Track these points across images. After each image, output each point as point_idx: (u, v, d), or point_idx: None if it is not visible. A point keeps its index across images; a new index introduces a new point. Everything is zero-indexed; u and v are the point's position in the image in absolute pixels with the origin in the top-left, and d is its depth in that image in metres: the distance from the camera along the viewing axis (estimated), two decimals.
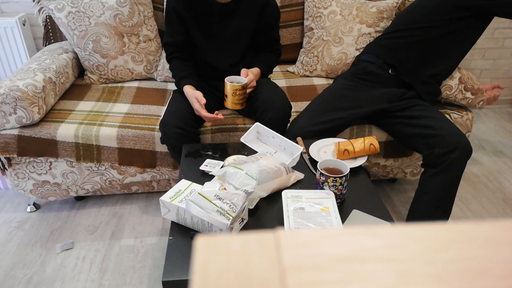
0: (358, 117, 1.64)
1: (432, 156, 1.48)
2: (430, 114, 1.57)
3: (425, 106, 1.62)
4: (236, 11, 1.65)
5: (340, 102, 1.64)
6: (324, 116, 1.59)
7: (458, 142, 1.45)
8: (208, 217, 0.98)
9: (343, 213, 1.12)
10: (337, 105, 1.63)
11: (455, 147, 1.44)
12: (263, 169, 1.17)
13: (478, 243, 0.26)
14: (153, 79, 2.11)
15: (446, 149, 1.45)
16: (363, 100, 1.64)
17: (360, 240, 0.27)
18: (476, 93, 1.77)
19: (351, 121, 1.64)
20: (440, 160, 1.46)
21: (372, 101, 1.64)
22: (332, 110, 1.61)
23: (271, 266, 0.25)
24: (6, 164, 1.68)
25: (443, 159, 1.46)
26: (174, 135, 1.53)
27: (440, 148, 1.46)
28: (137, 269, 1.56)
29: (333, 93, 1.68)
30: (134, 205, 1.92)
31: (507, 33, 2.64)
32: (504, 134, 2.54)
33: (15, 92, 1.55)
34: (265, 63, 1.76)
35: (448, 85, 1.77)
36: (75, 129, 1.65)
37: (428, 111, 1.60)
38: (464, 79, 1.76)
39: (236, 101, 1.58)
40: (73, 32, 1.91)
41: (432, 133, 1.50)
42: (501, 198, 1.97)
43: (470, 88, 1.76)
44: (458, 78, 1.76)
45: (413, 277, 0.24)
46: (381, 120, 1.70)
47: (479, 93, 1.76)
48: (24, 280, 1.52)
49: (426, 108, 1.61)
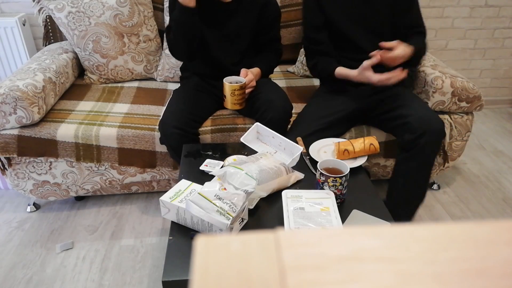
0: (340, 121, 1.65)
1: (404, 142, 1.52)
2: (402, 102, 1.59)
3: (397, 95, 1.63)
4: (237, 10, 1.65)
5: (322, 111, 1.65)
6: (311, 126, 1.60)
7: (426, 127, 1.46)
8: (208, 217, 0.98)
9: (343, 213, 1.12)
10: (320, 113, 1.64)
11: (422, 132, 1.46)
12: (263, 169, 1.17)
13: (478, 243, 0.26)
14: (153, 79, 2.12)
15: (414, 135, 1.47)
16: (340, 105, 1.65)
17: (360, 240, 0.27)
18: (472, 101, 1.72)
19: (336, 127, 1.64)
20: (411, 145, 1.49)
21: (348, 103, 1.66)
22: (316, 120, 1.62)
23: (271, 266, 0.25)
24: (6, 164, 1.68)
25: (413, 144, 1.49)
26: (173, 135, 1.53)
27: (409, 134, 1.49)
28: (137, 269, 1.56)
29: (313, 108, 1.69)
30: (134, 205, 1.92)
31: (507, 33, 2.64)
32: (504, 134, 2.54)
33: (15, 92, 1.55)
34: (265, 63, 1.76)
35: (439, 100, 1.72)
36: (75, 129, 1.65)
37: (399, 99, 1.60)
38: (457, 92, 1.70)
39: (235, 101, 1.58)
40: (73, 32, 1.91)
41: (403, 122, 1.53)
42: (501, 198, 1.97)
43: (465, 98, 1.71)
44: (451, 93, 1.70)
45: (413, 277, 0.24)
46: (366, 120, 1.72)
47: (476, 100, 1.73)
48: (24, 280, 1.52)
49: (398, 97, 1.62)
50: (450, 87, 1.70)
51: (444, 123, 1.53)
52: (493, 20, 2.58)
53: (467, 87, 1.70)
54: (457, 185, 2.06)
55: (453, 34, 2.61)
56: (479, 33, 2.62)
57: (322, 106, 1.67)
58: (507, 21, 2.60)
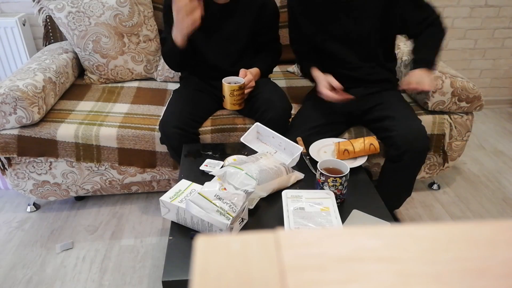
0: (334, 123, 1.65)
1: (388, 155, 1.55)
2: (389, 113, 1.56)
3: (387, 103, 1.60)
4: (235, 11, 1.65)
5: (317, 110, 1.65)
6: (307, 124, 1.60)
7: (409, 146, 1.46)
8: (208, 217, 0.98)
9: (343, 213, 1.12)
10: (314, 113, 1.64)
11: (405, 150, 1.46)
12: (263, 169, 1.17)
13: (478, 243, 0.26)
14: (153, 79, 2.12)
15: (398, 151, 1.48)
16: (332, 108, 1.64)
17: (360, 240, 0.27)
18: (472, 101, 1.72)
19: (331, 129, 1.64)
20: (395, 159, 1.50)
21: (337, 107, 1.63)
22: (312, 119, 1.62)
23: (271, 266, 0.25)
24: (6, 164, 1.68)
25: (397, 158, 1.50)
26: (173, 135, 1.53)
27: (394, 150, 1.49)
28: (137, 269, 1.56)
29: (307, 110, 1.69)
30: (134, 205, 1.92)
31: (507, 33, 2.64)
32: (504, 134, 2.54)
33: (15, 92, 1.55)
34: (264, 63, 1.76)
35: (439, 100, 1.72)
36: (75, 129, 1.65)
37: (388, 109, 1.58)
38: (457, 92, 1.70)
39: (234, 101, 1.58)
40: (73, 32, 1.91)
41: (388, 135, 1.52)
42: (501, 198, 1.97)
43: (465, 98, 1.71)
44: (451, 93, 1.70)
45: (413, 277, 0.24)
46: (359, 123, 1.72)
47: (476, 100, 1.73)
48: (24, 280, 1.52)
49: (387, 106, 1.59)
50: (450, 87, 1.70)
51: (429, 139, 1.53)
52: (493, 20, 2.58)
53: (467, 87, 1.70)
54: (457, 185, 2.06)
55: (453, 34, 2.61)
56: (479, 33, 2.62)
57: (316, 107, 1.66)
58: (507, 21, 2.60)
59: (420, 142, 1.47)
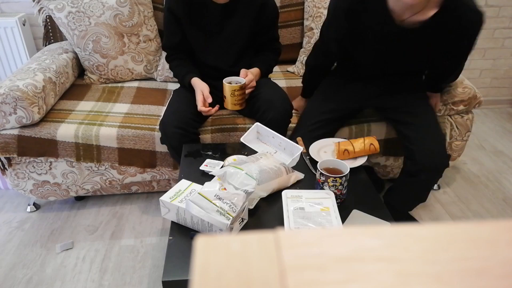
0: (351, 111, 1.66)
1: (406, 166, 1.56)
2: (414, 120, 1.54)
3: (414, 107, 1.58)
4: (234, 11, 1.65)
5: (333, 95, 1.67)
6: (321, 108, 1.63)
7: (428, 164, 1.46)
8: (208, 217, 0.98)
9: (343, 213, 1.12)
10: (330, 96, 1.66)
11: (423, 168, 1.47)
12: (263, 169, 1.17)
13: (478, 243, 0.26)
14: (153, 79, 2.12)
15: (416, 167, 1.48)
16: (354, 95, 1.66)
17: (360, 240, 0.27)
18: (470, 102, 1.73)
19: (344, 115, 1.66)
20: (413, 173, 1.52)
21: (363, 96, 1.66)
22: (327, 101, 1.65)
23: (271, 266, 0.25)
24: (6, 164, 1.68)
25: (414, 174, 1.51)
26: (174, 135, 1.53)
27: (412, 165, 1.50)
28: (137, 269, 1.56)
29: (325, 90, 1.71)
30: (134, 205, 1.92)
31: (507, 33, 2.64)
32: (504, 134, 2.54)
33: (15, 92, 1.55)
34: (264, 62, 1.76)
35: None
36: (75, 129, 1.65)
37: (414, 116, 1.55)
38: (448, 100, 1.73)
39: (235, 101, 1.58)
40: (73, 32, 1.91)
41: (408, 146, 1.52)
42: (501, 198, 1.97)
43: (460, 101, 1.73)
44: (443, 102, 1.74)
45: (413, 277, 0.24)
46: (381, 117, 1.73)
47: (473, 99, 1.73)
48: (24, 280, 1.52)
49: (413, 112, 1.57)
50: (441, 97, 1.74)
51: (448, 156, 1.55)
52: (493, 20, 2.58)
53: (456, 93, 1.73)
54: (457, 185, 2.06)
55: None
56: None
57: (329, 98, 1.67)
58: (507, 21, 2.60)
59: (439, 161, 1.47)
